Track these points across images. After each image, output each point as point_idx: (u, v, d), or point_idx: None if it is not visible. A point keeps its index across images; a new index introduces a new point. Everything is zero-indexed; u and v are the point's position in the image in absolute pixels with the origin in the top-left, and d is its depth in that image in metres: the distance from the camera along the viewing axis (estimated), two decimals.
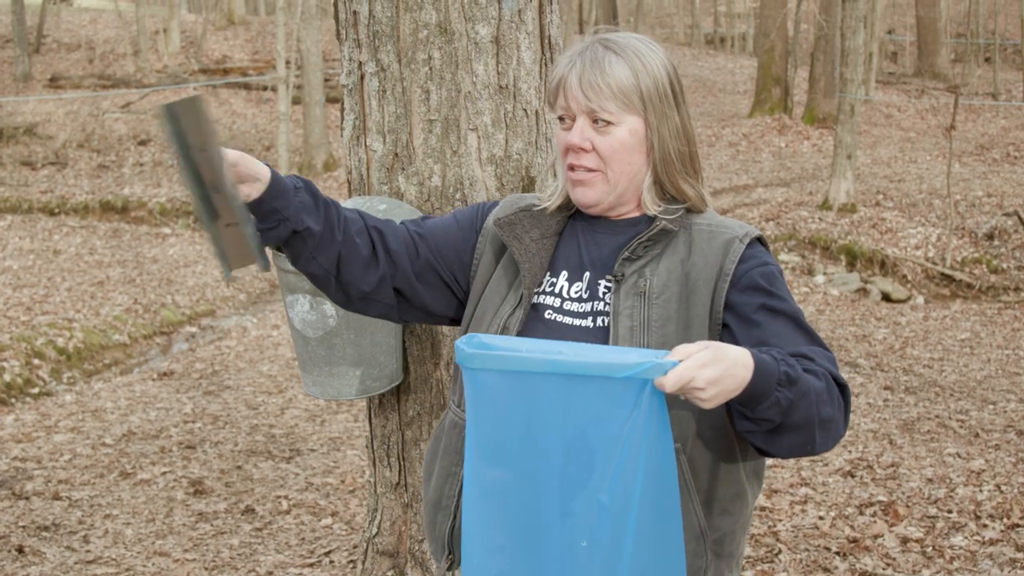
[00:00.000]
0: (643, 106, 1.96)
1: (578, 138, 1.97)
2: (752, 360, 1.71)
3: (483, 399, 1.81)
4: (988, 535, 4.73)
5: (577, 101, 1.96)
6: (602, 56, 1.95)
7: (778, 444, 1.82)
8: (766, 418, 1.76)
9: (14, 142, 20.94)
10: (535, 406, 1.77)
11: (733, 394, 1.71)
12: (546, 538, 1.81)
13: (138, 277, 13.32)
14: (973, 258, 12.84)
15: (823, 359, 1.87)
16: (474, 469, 1.85)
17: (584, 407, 1.74)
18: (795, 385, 1.75)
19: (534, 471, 1.80)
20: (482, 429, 1.83)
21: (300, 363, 2.96)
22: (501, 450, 1.82)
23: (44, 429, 7.34)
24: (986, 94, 22.76)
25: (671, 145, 1.99)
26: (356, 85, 2.90)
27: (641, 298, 1.94)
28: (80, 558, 4.90)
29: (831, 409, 1.82)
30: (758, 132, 20.63)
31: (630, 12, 35.85)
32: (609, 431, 1.73)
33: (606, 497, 1.74)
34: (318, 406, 7.68)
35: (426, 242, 2.14)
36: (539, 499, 1.81)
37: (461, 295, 2.18)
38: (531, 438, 1.79)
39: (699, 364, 1.65)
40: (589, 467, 1.76)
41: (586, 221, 2.09)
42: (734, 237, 1.98)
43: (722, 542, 1.98)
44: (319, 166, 19.45)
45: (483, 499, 1.85)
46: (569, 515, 1.79)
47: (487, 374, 1.78)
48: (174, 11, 26.75)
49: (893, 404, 7.18)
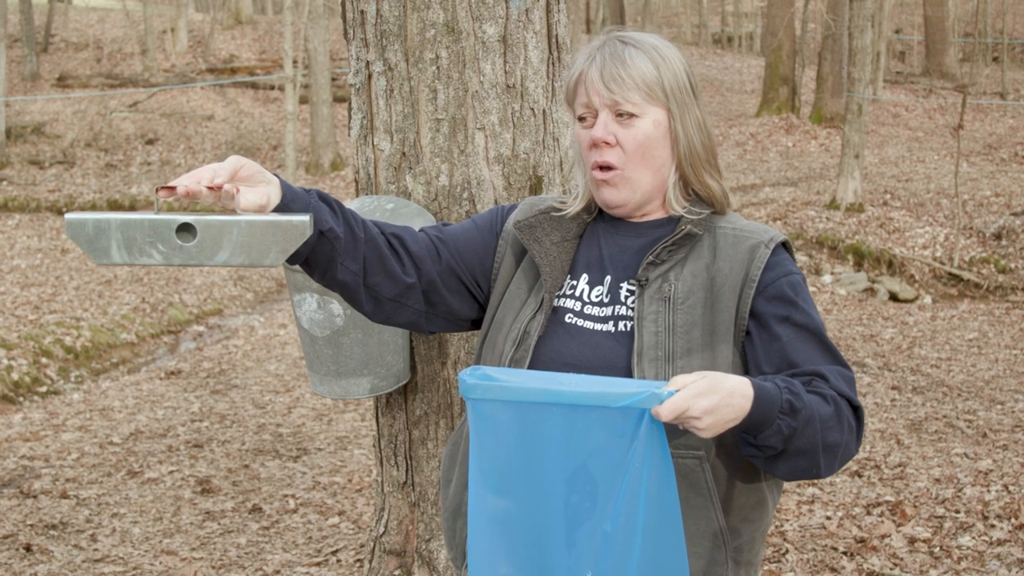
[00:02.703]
0: (666, 97, 1.94)
1: (602, 131, 1.94)
2: (752, 390, 1.72)
3: (486, 429, 1.82)
4: (996, 535, 4.72)
5: (600, 95, 1.93)
6: (621, 50, 1.94)
7: (781, 468, 1.83)
8: (769, 445, 1.76)
9: (22, 141, 20.99)
10: (537, 437, 1.79)
11: (732, 423, 1.71)
12: (551, 569, 1.83)
13: (145, 276, 13.34)
14: (981, 258, 12.81)
15: (838, 379, 1.86)
16: (479, 498, 1.86)
17: (585, 437, 1.75)
18: (799, 413, 1.75)
19: (538, 501, 1.82)
20: (485, 459, 1.84)
21: (307, 362, 2.96)
22: (505, 480, 1.84)
23: (52, 428, 7.36)
24: (994, 93, 22.71)
25: (695, 137, 1.97)
26: (364, 84, 2.90)
27: (666, 303, 1.92)
28: (88, 556, 4.91)
29: (838, 434, 1.81)
30: (765, 131, 20.59)
31: (637, 11, 35.84)
32: (610, 461, 1.75)
33: (609, 526, 1.76)
34: (325, 405, 7.69)
35: (447, 247, 2.11)
36: (544, 529, 1.83)
37: (482, 299, 2.15)
38: (534, 468, 1.81)
39: (694, 394, 1.66)
40: (592, 497, 1.78)
41: (608, 223, 2.06)
42: (760, 242, 1.96)
43: (742, 549, 1.98)
44: (326, 165, 19.47)
45: (489, 528, 1.86)
46: (574, 545, 1.80)
47: (489, 404, 1.80)
48: (181, 10, 26.79)
49: (900, 404, 7.17)
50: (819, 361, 1.89)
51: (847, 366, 1.91)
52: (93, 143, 21.18)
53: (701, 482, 1.90)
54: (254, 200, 1.82)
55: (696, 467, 1.90)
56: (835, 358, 1.91)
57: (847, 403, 1.85)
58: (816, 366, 1.87)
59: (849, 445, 1.85)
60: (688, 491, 1.90)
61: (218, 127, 21.94)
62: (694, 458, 1.89)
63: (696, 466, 1.90)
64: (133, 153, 20.86)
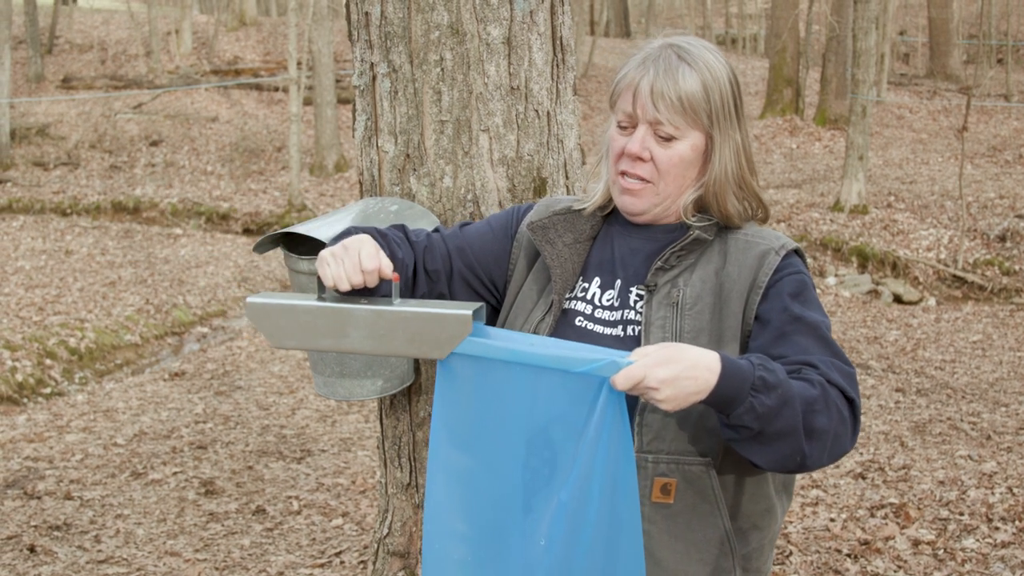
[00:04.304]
0: (710, 123, 1.93)
1: (638, 147, 1.92)
2: (719, 364, 1.67)
3: (451, 384, 1.85)
4: (1000, 538, 4.71)
5: (645, 110, 1.91)
6: (676, 66, 1.91)
7: (762, 454, 1.75)
8: (743, 424, 1.70)
9: (27, 142, 21.01)
10: (501, 395, 1.81)
11: (695, 397, 1.67)
12: (507, 533, 1.83)
13: (150, 277, 13.35)
14: (985, 260, 12.79)
15: (831, 369, 1.80)
16: (441, 454, 1.87)
17: (547, 401, 1.76)
18: (774, 391, 1.69)
19: (498, 461, 1.83)
20: (450, 413, 1.86)
21: (311, 364, 2.96)
22: (467, 437, 1.85)
23: (56, 429, 7.36)
24: (998, 95, 22.67)
25: (730, 165, 1.95)
26: (368, 86, 2.90)
27: (674, 309, 1.91)
28: (91, 558, 4.92)
29: (826, 420, 1.74)
30: (769, 133, 20.58)
31: (641, 13, 35.84)
32: (571, 428, 1.75)
33: (566, 495, 1.75)
34: (329, 407, 7.69)
35: (464, 254, 2.11)
36: (503, 491, 1.83)
37: (496, 302, 2.16)
38: (496, 427, 1.83)
39: (652, 363, 1.64)
40: (551, 463, 1.78)
41: (621, 224, 2.06)
42: (770, 249, 1.94)
43: (750, 557, 1.96)
44: (330, 167, 19.48)
45: (448, 485, 1.87)
46: (531, 511, 1.80)
47: (456, 359, 1.82)
48: (186, 12, 26.81)
49: (905, 406, 7.16)
50: (814, 353, 1.83)
51: (848, 363, 1.85)
52: (97, 144, 21.20)
53: (708, 489, 1.89)
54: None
55: (702, 474, 1.89)
56: (834, 352, 1.85)
57: (839, 392, 1.78)
58: (809, 356, 1.83)
59: (841, 436, 1.78)
60: (695, 498, 1.89)
61: (222, 129, 21.95)
62: (700, 465, 1.88)
63: (702, 472, 1.89)
64: (137, 155, 20.87)
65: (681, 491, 1.88)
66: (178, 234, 16.59)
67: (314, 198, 17.98)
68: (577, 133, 2.96)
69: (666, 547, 1.89)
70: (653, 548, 1.88)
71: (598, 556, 1.75)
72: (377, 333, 1.84)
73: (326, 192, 18.46)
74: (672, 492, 1.87)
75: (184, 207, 18.04)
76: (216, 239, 16.33)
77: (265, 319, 1.91)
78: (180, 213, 17.89)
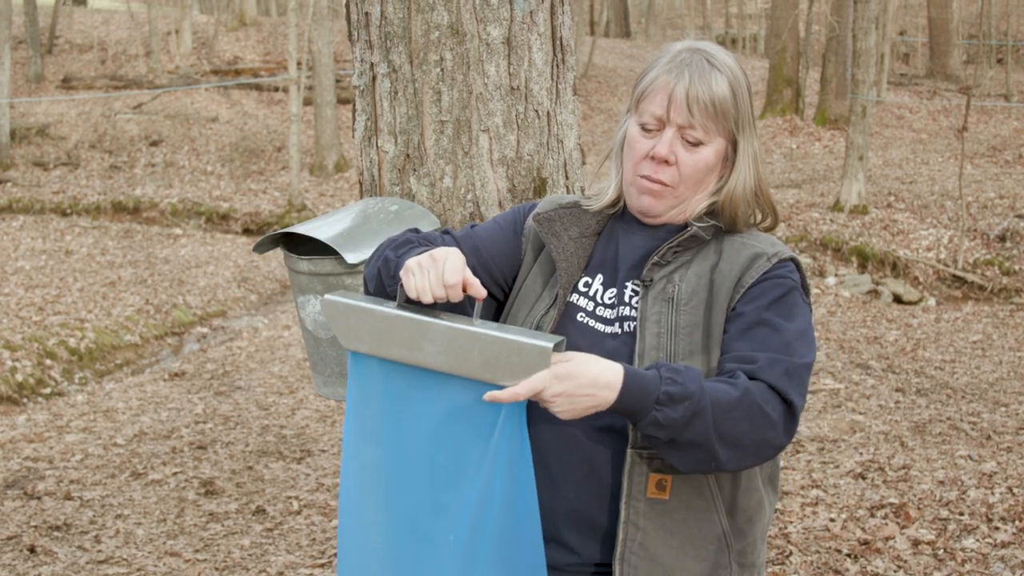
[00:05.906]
0: (736, 129, 1.95)
1: (665, 150, 1.93)
2: (621, 380, 1.71)
3: (363, 379, 1.88)
4: (1000, 538, 4.72)
5: (679, 113, 1.92)
6: (708, 72, 1.92)
7: (677, 458, 1.78)
8: (650, 435, 1.74)
9: (27, 143, 21.01)
10: (408, 393, 1.85)
11: (592, 410, 1.72)
12: (417, 526, 1.87)
13: (150, 278, 13.35)
14: (985, 260, 12.79)
15: (771, 367, 1.80)
16: (353, 446, 1.92)
17: (453, 399, 1.80)
18: (680, 403, 1.71)
19: (406, 455, 1.87)
20: (362, 406, 1.89)
21: (311, 364, 2.96)
22: (377, 429, 1.88)
23: (56, 429, 7.37)
24: (998, 95, 22.67)
25: (750, 174, 1.98)
26: (368, 86, 2.90)
27: (669, 304, 1.92)
28: (91, 558, 4.92)
29: (744, 424, 1.75)
30: (769, 133, 20.58)
31: (641, 13, 35.84)
32: (476, 428, 1.79)
33: (472, 494, 1.80)
34: (329, 407, 7.69)
35: (479, 254, 2.10)
36: (411, 485, 1.87)
37: (504, 297, 2.15)
38: (404, 420, 1.86)
39: (552, 375, 1.70)
40: (458, 461, 1.82)
41: (626, 222, 2.06)
42: (763, 253, 1.94)
43: (745, 552, 1.97)
44: (330, 167, 19.48)
45: (360, 475, 1.92)
46: (441, 509, 1.85)
47: (366, 356, 1.87)
48: (186, 12, 26.81)
49: (905, 406, 7.16)
50: (769, 351, 1.83)
51: (805, 364, 1.84)
52: (97, 144, 21.20)
53: (704, 486, 1.90)
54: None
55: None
56: (789, 351, 1.83)
57: (774, 393, 1.78)
58: (754, 353, 1.83)
59: (765, 438, 1.78)
60: (691, 495, 1.89)
61: (222, 129, 21.96)
62: None
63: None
64: (137, 155, 20.87)
65: (677, 487, 1.88)
66: (178, 234, 16.59)
67: (314, 198, 17.98)
68: (577, 133, 2.96)
69: (662, 543, 1.88)
70: (649, 544, 1.88)
71: (502, 554, 1.80)
72: (452, 351, 1.78)
73: (326, 192, 18.46)
74: (668, 488, 1.88)
75: (184, 207, 18.04)
76: (216, 239, 16.33)
77: (340, 318, 1.88)
78: (180, 213, 17.89)
